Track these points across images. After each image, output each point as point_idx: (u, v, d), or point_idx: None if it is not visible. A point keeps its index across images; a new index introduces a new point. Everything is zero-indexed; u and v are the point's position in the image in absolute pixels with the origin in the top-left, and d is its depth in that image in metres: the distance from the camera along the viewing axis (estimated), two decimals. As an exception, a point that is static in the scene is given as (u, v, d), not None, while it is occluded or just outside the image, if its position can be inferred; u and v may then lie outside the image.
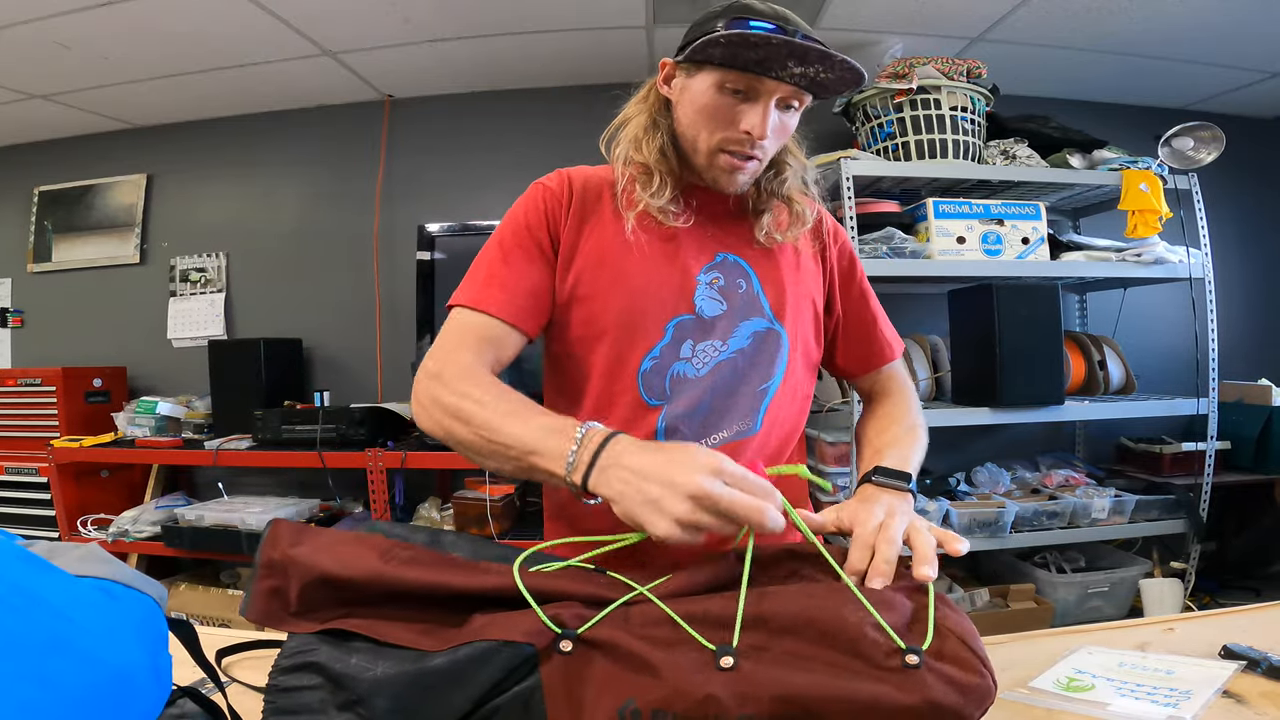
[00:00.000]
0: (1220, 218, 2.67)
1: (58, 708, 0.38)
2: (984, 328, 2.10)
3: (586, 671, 0.52)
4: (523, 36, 2.35)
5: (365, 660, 0.52)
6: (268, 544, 0.57)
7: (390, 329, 2.79)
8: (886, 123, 2.30)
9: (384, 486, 2.24)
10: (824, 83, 0.81)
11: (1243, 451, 2.41)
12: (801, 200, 0.96)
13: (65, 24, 2.11)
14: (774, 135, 0.85)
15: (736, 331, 0.89)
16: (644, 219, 0.89)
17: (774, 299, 0.92)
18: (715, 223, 0.93)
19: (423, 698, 0.50)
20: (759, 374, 0.90)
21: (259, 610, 0.56)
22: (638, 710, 0.49)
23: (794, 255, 0.96)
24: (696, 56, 0.82)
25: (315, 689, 0.51)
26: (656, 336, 0.87)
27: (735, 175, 0.87)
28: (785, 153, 0.94)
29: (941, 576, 2.33)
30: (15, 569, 0.41)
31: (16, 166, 3.09)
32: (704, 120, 0.85)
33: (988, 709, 0.52)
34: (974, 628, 0.57)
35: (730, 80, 0.81)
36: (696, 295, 0.89)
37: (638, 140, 0.91)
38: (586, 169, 0.95)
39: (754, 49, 0.77)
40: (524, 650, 0.52)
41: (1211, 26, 2.26)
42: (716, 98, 0.83)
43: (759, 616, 0.55)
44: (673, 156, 0.90)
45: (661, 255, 0.89)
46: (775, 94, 0.82)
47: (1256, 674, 0.65)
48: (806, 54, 0.76)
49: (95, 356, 2.88)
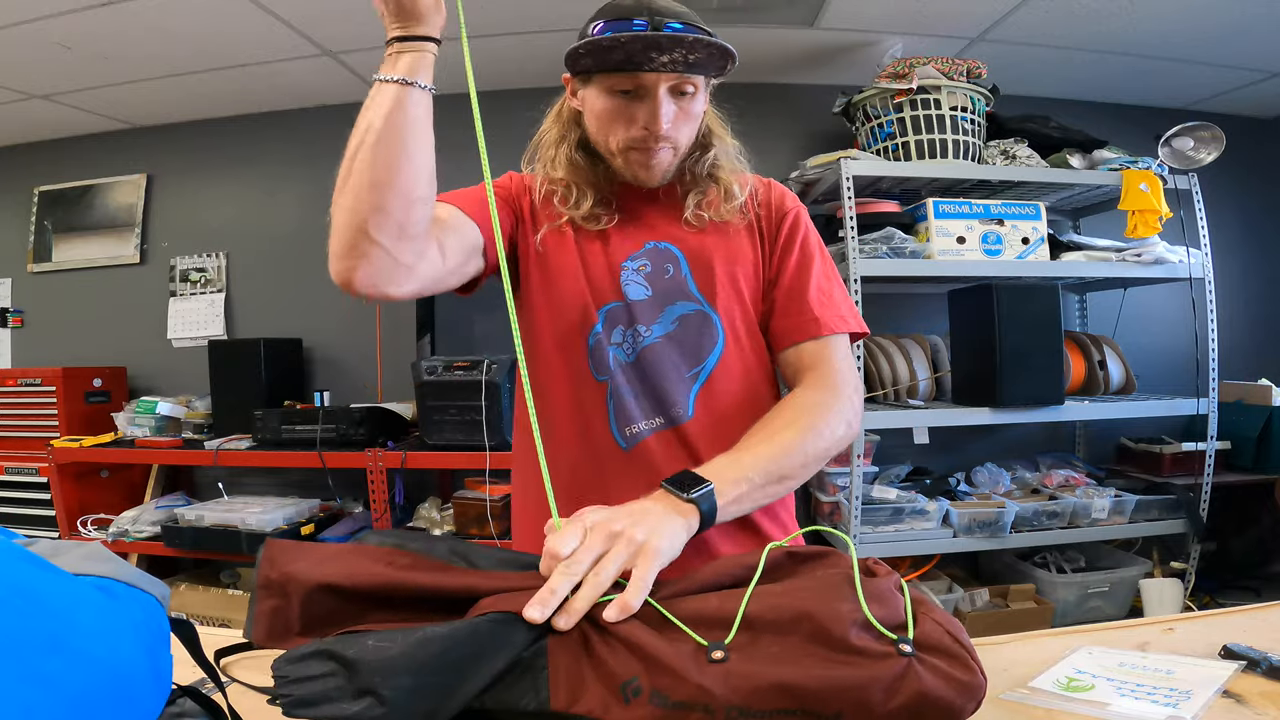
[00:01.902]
0: (1220, 218, 2.67)
1: (55, 707, 0.38)
2: (984, 328, 2.10)
3: (589, 648, 0.53)
4: (523, 36, 2.35)
5: (382, 641, 0.51)
6: (264, 565, 0.57)
7: (390, 329, 2.79)
8: (886, 123, 2.30)
9: (384, 486, 2.24)
10: (697, 64, 0.82)
11: (1243, 451, 2.42)
12: (730, 177, 0.95)
13: (65, 24, 2.11)
14: (677, 123, 0.86)
15: (661, 316, 0.90)
16: (570, 225, 0.92)
17: (703, 280, 0.91)
18: (643, 216, 0.94)
19: (446, 671, 0.50)
20: (687, 359, 0.89)
21: (263, 631, 0.56)
22: (640, 688, 0.50)
23: (730, 231, 0.94)
24: (575, 69, 0.85)
25: (330, 675, 0.49)
26: (591, 323, 0.89)
27: (652, 168, 0.88)
28: (709, 134, 0.95)
29: (941, 577, 2.33)
30: (13, 568, 0.41)
31: (16, 166, 3.09)
32: (605, 125, 0.88)
33: (980, 701, 0.53)
34: (958, 623, 0.58)
35: (614, 83, 0.84)
36: (623, 281, 0.90)
37: (550, 159, 0.95)
38: (527, 176, 0.99)
39: (612, 51, 0.79)
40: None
41: (1211, 26, 2.26)
42: (609, 102, 0.86)
43: (749, 615, 0.55)
44: (586, 165, 0.93)
45: (589, 250, 0.91)
46: (660, 85, 0.83)
47: (1256, 674, 0.65)
48: (660, 43, 0.78)
49: (95, 356, 2.88)
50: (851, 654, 0.51)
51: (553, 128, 0.96)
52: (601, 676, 0.51)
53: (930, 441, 2.24)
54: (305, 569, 0.56)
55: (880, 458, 2.45)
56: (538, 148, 0.97)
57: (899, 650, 0.51)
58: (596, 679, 0.51)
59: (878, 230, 2.17)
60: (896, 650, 0.51)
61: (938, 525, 2.16)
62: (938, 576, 2.32)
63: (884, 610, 0.55)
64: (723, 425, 0.87)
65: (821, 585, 0.59)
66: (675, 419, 0.88)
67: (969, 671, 0.52)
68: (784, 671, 0.50)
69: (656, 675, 0.51)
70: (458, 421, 2.16)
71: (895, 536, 2.15)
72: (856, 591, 0.56)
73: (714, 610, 0.56)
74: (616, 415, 0.88)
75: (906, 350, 2.36)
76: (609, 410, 0.88)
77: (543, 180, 0.95)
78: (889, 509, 2.16)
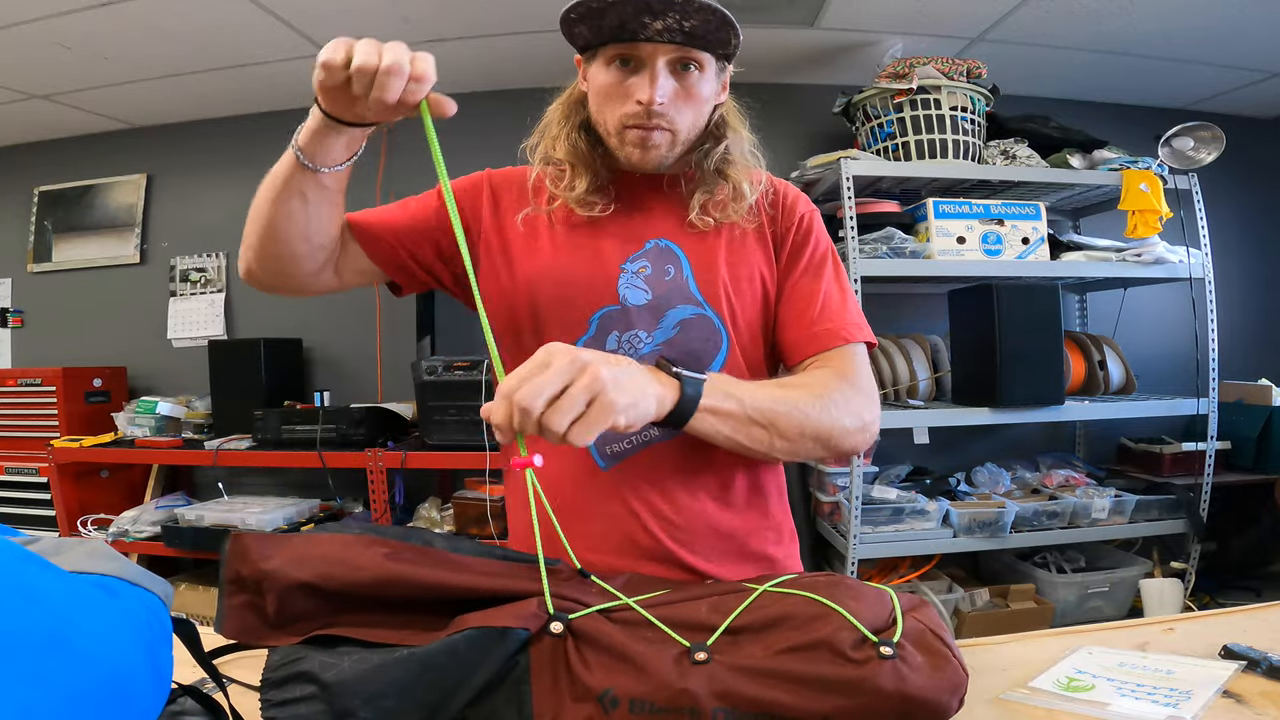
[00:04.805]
0: (1220, 218, 2.66)
1: (53, 707, 0.38)
2: (984, 328, 2.10)
3: (572, 658, 0.53)
4: (523, 36, 2.35)
5: (358, 662, 0.51)
6: (234, 559, 0.56)
7: (390, 329, 2.79)
8: (886, 123, 2.30)
9: (384, 486, 2.24)
10: (696, 33, 0.77)
11: (1243, 451, 2.42)
12: (740, 174, 0.89)
13: (65, 24, 2.11)
14: (677, 101, 0.82)
15: (662, 321, 0.85)
16: (565, 213, 0.88)
17: (705, 283, 0.86)
18: (646, 208, 0.89)
19: (428, 690, 0.50)
20: (689, 365, 0.85)
21: (235, 626, 0.55)
22: (616, 699, 0.50)
23: (737, 234, 0.89)
24: (575, 42, 0.83)
25: (311, 699, 0.49)
26: (579, 330, 0.84)
27: (648, 150, 0.83)
28: (723, 125, 0.90)
29: (941, 577, 2.33)
30: (11, 566, 0.41)
31: (16, 166, 3.09)
32: (604, 101, 0.84)
33: (963, 697, 0.53)
34: (940, 620, 0.58)
35: (614, 54, 0.81)
36: (620, 284, 0.85)
37: (553, 139, 0.90)
38: (506, 169, 0.96)
39: (605, 15, 0.76)
40: (520, 635, 0.53)
41: (1211, 26, 2.26)
42: (608, 75, 0.82)
43: (735, 624, 0.56)
44: (586, 148, 0.88)
45: (583, 247, 0.87)
46: (658, 57, 0.79)
47: (1256, 674, 0.65)
48: (651, 5, 0.74)
49: (95, 356, 2.88)
50: (837, 656, 0.52)
51: (558, 109, 0.92)
52: (583, 689, 0.51)
53: (930, 441, 2.24)
54: (280, 567, 0.54)
55: (880, 458, 2.45)
56: (543, 131, 0.93)
57: (879, 654, 0.52)
58: (579, 693, 0.51)
59: (878, 230, 2.17)
60: (878, 653, 0.52)
61: (938, 525, 2.16)
62: (938, 576, 2.32)
63: (869, 613, 0.56)
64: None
65: (808, 590, 0.60)
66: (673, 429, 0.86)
67: (950, 667, 0.53)
68: (768, 674, 0.51)
69: (638, 682, 0.51)
70: (458, 421, 2.16)
71: (895, 536, 2.15)
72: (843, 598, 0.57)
73: (702, 617, 0.57)
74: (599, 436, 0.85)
75: (906, 350, 2.36)
76: None
77: (541, 162, 0.92)
78: (889, 509, 2.16)
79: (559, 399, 0.58)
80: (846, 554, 2.11)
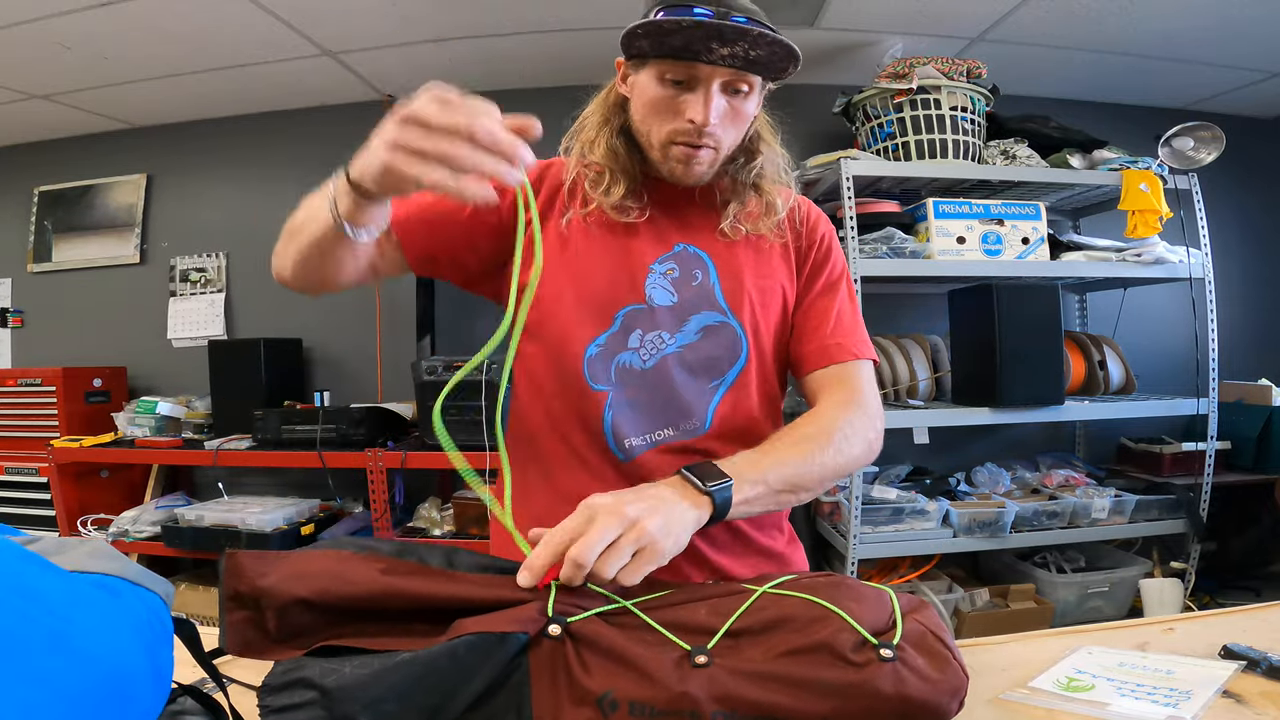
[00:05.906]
0: (1220, 218, 2.67)
1: (52, 706, 0.38)
2: (984, 328, 2.10)
3: (571, 661, 0.53)
4: (523, 36, 2.35)
5: (359, 668, 0.51)
6: (230, 577, 0.56)
7: (390, 329, 2.79)
8: (886, 123, 2.30)
9: (384, 486, 2.24)
10: (759, 61, 0.78)
11: (1243, 451, 2.42)
12: (773, 189, 0.91)
13: (65, 24, 2.11)
14: (725, 122, 0.82)
15: (685, 325, 0.87)
16: (598, 211, 0.88)
17: (730, 292, 0.88)
18: (677, 214, 0.91)
19: (428, 695, 0.50)
20: (708, 370, 0.87)
21: (237, 642, 0.55)
22: (615, 701, 0.50)
23: (764, 247, 0.92)
24: (630, 52, 0.82)
25: (311, 705, 0.49)
26: (604, 324, 0.86)
27: (691, 166, 0.84)
28: (757, 140, 0.91)
29: (941, 577, 2.33)
30: (11, 566, 0.41)
31: (16, 166, 3.09)
32: (651, 114, 0.84)
33: (963, 699, 0.53)
34: (941, 621, 0.58)
35: (668, 70, 0.80)
36: (648, 284, 0.87)
37: (591, 141, 0.90)
38: (539, 165, 0.93)
39: (673, 35, 0.76)
40: (518, 639, 0.53)
41: (1211, 26, 2.26)
42: (659, 90, 0.82)
43: (735, 626, 0.56)
44: (625, 154, 0.88)
45: (614, 246, 0.88)
46: (714, 79, 0.79)
47: (1256, 674, 0.65)
48: (723, 33, 0.74)
49: (95, 356, 2.88)
50: (837, 659, 0.52)
51: (597, 111, 0.92)
52: (582, 692, 0.51)
53: (930, 441, 2.24)
54: (276, 584, 0.55)
55: (880, 458, 2.41)
56: (579, 131, 0.93)
57: (880, 656, 0.52)
58: (578, 696, 0.51)
59: (878, 230, 2.17)
60: (878, 656, 0.52)
61: (938, 525, 2.16)
62: (938, 576, 2.32)
63: (869, 615, 0.56)
64: (738, 441, 0.84)
65: (808, 591, 0.60)
66: (690, 431, 0.86)
67: (951, 670, 0.53)
68: (769, 677, 0.51)
69: (638, 686, 0.51)
70: (458, 421, 2.16)
71: (895, 536, 2.15)
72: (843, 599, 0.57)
73: (702, 620, 0.57)
74: (614, 427, 0.85)
75: (906, 350, 2.36)
76: (605, 422, 0.85)
77: (578, 163, 0.91)
78: (889, 509, 2.16)
79: (607, 552, 0.60)
80: (846, 554, 2.11)
